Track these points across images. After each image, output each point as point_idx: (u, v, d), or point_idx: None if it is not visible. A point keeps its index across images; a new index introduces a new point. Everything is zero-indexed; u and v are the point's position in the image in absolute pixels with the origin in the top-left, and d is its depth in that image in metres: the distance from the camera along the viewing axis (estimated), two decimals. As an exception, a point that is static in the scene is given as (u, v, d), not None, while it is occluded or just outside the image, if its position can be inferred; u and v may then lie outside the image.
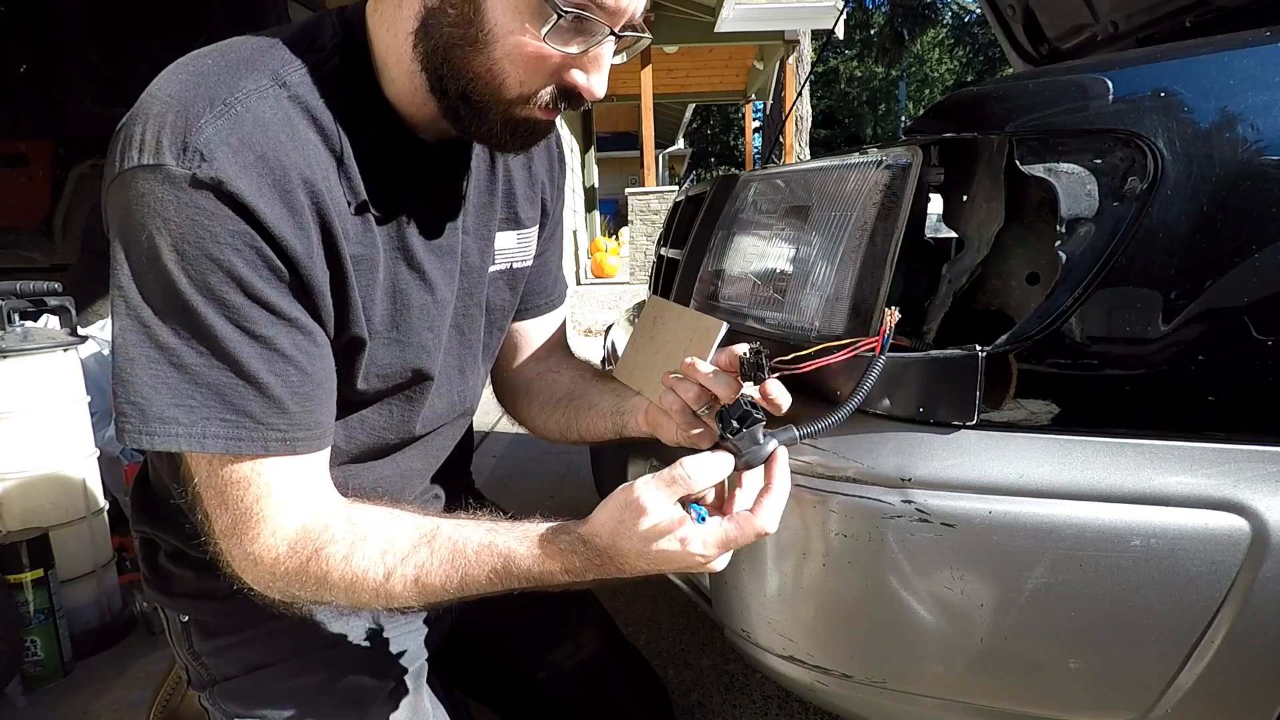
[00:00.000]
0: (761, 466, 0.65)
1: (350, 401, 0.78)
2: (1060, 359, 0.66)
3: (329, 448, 0.73)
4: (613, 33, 0.67)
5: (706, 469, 0.63)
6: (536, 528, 0.70)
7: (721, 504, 0.67)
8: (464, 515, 0.73)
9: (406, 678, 0.89)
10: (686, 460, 0.63)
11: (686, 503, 0.64)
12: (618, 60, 0.73)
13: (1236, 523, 0.63)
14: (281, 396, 0.66)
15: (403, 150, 0.75)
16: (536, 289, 1.01)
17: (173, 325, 0.63)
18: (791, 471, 0.73)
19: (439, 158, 0.78)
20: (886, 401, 0.71)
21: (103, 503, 1.75)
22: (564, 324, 1.10)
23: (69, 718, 1.45)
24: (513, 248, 0.92)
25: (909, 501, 0.67)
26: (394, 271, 0.76)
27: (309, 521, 0.68)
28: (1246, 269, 0.63)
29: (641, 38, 0.71)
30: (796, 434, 0.65)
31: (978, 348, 0.67)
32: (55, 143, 3.00)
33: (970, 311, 0.75)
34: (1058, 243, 0.66)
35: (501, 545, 0.68)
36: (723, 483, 0.66)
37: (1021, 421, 0.68)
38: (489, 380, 1.07)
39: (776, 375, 0.69)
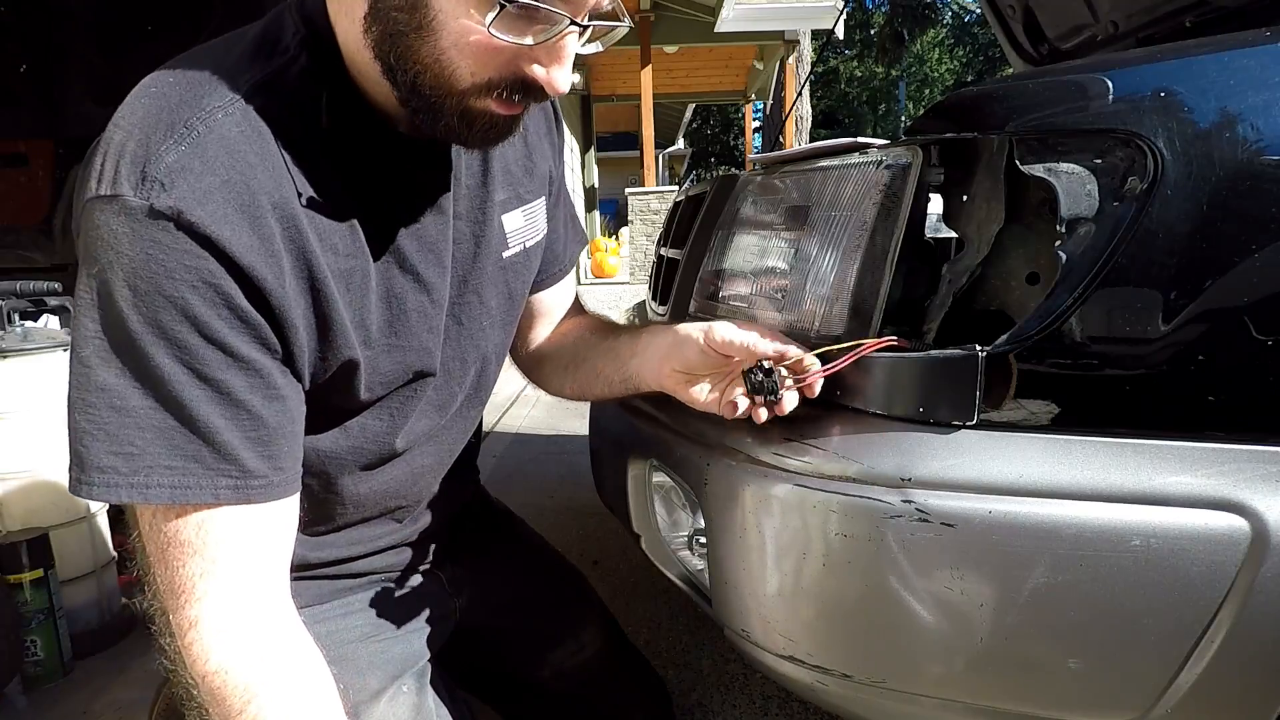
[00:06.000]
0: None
1: (353, 411, 0.77)
2: (1060, 359, 0.66)
3: (293, 499, 0.69)
4: (574, 23, 0.60)
5: None
6: None
7: None
8: None
9: (409, 677, 0.88)
10: None
11: None
12: (589, 50, 0.68)
13: (1236, 523, 0.63)
14: (232, 443, 0.62)
15: (383, 148, 0.71)
16: (549, 259, 0.98)
17: (118, 365, 0.59)
18: (792, 471, 0.73)
19: (421, 150, 0.74)
20: (887, 401, 0.71)
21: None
22: (574, 283, 1.07)
23: (69, 718, 1.45)
24: (522, 227, 0.88)
25: (909, 501, 0.67)
26: (387, 277, 0.73)
27: (251, 656, 0.63)
28: (1246, 269, 0.63)
29: (617, 25, 0.66)
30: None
31: (978, 348, 0.67)
32: (55, 143, 3.00)
33: (970, 311, 0.75)
34: (1058, 243, 0.66)
35: None
36: None
37: (1021, 421, 0.68)
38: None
39: (784, 387, 0.72)
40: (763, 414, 0.75)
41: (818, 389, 0.74)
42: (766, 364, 0.73)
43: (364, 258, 0.70)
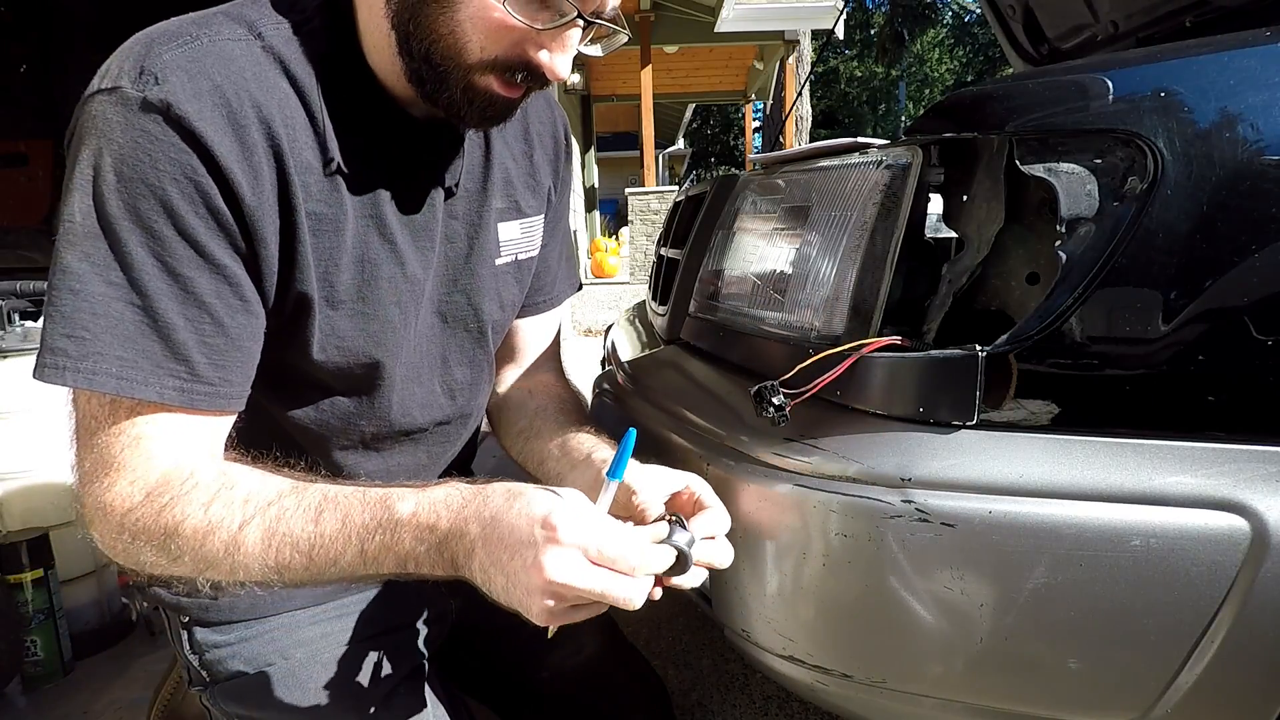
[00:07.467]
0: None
1: (315, 379, 0.77)
2: (1060, 359, 0.66)
3: (233, 416, 0.69)
4: (580, 16, 0.66)
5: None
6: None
7: None
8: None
9: (407, 677, 0.89)
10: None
11: None
12: (590, 51, 0.73)
13: (1236, 523, 0.63)
14: (187, 343, 0.62)
15: (382, 118, 0.73)
16: (535, 285, 0.98)
17: (84, 249, 0.60)
18: (792, 471, 0.73)
19: (424, 134, 0.76)
20: (887, 401, 0.71)
21: (103, 503, 1.75)
22: (558, 338, 1.06)
23: (69, 718, 1.45)
24: (517, 238, 0.89)
25: (909, 501, 0.67)
26: (364, 239, 0.74)
27: (173, 470, 0.63)
28: (1246, 269, 0.63)
29: (619, 32, 0.71)
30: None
31: (978, 348, 0.67)
32: (55, 143, 3.00)
33: (970, 311, 0.75)
34: (1058, 243, 0.66)
35: (377, 492, 0.63)
36: None
37: (1021, 421, 0.68)
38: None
39: (793, 404, 0.70)
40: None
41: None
42: (772, 383, 0.72)
43: (339, 209, 0.71)
